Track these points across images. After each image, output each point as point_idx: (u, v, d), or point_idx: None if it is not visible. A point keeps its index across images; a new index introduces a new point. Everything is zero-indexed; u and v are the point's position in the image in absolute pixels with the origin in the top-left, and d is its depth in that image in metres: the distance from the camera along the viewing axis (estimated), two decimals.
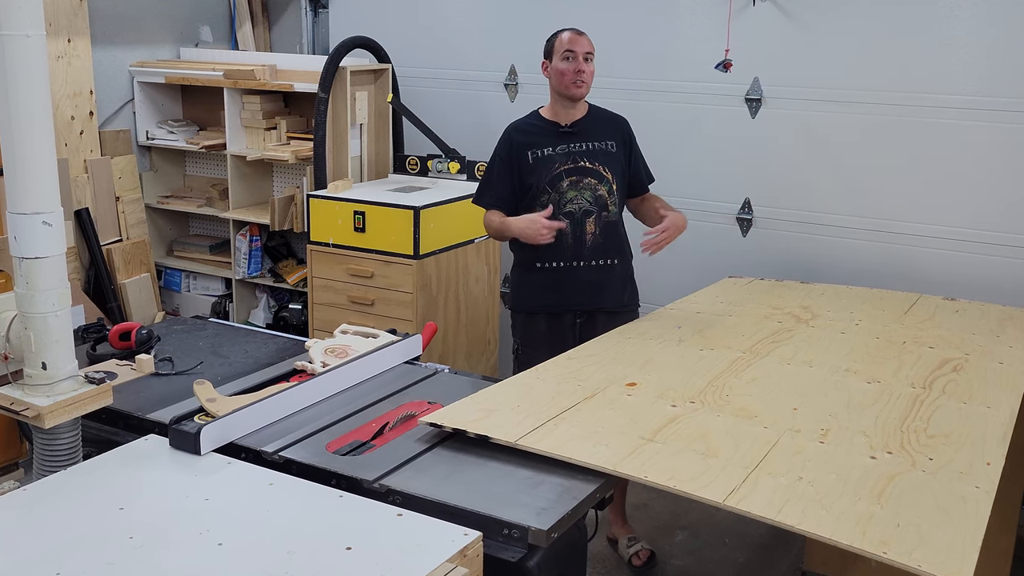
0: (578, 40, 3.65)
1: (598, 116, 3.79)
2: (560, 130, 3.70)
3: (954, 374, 3.06)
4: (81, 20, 5.11)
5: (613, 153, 3.73)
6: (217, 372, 3.04)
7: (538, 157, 3.68)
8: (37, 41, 2.33)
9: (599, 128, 3.75)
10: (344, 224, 4.54)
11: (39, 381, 2.45)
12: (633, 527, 4.06)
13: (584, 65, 3.63)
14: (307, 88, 5.07)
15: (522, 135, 3.74)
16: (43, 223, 2.38)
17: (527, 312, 3.81)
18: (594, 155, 3.69)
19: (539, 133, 3.72)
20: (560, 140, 3.69)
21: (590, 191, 3.66)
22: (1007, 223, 4.14)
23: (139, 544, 1.96)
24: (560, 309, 3.74)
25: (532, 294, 3.77)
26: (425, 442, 2.52)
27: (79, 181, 5.18)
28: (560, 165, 3.66)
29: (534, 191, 3.67)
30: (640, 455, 2.39)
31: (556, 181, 3.65)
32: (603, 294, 3.74)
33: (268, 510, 2.12)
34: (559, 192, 3.65)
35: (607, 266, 3.73)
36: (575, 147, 3.68)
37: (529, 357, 3.61)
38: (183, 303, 5.79)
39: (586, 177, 3.67)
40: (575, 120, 3.72)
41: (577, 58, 3.62)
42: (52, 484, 2.23)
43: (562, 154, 3.68)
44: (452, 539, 1.99)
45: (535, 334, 3.78)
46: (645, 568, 3.91)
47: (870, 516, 2.12)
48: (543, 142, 3.70)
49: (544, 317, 3.76)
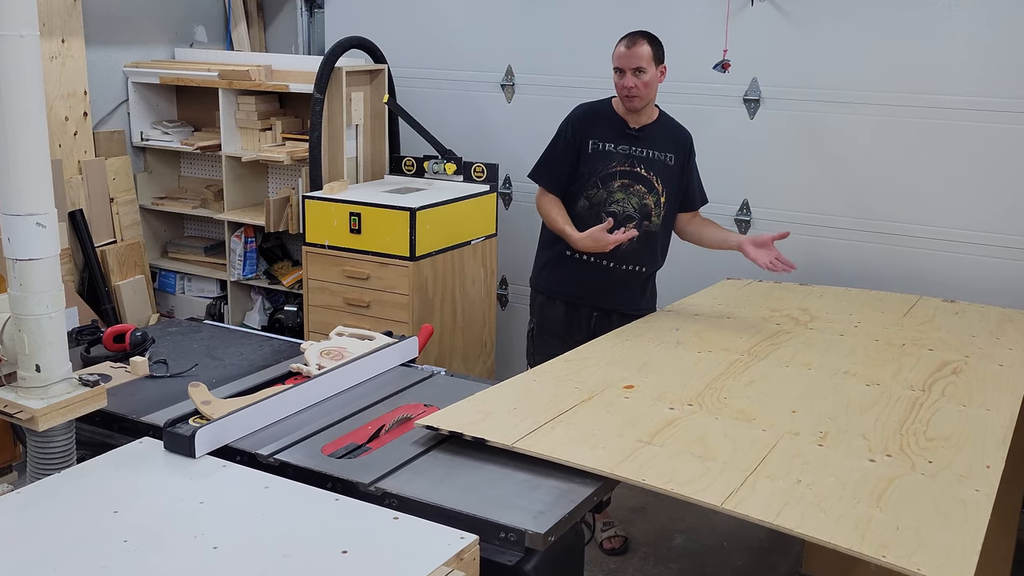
0: (626, 55, 3.61)
1: (666, 125, 3.79)
2: (627, 130, 3.70)
3: (954, 376, 3.06)
4: (75, 20, 5.10)
5: (671, 166, 3.73)
6: (212, 374, 3.02)
7: (598, 149, 3.68)
8: (31, 41, 2.32)
9: (663, 138, 3.75)
10: (340, 226, 4.53)
11: (33, 384, 2.43)
12: (610, 513, 4.08)
13: (632, 80, 3.59)
14: (302, 89, 5.06)
15: (587, 121, 3.72)
16: (37, 224, 2.36)
17: (547, 295, 3.86)
18: (651, 164, 3.70)
19: (606, 124, 3.72)
20: (623, 140, 3.70)
21: (638, 198, 3.67)
22: (1007, 224, 4.14)
23: (133, 548, 1.94)
24: (579, 301, 3.78)
25: (556, 279, 3.81)
26: (421, 445, 2.50)
27: (73, 182, 5.17)
28: (617, 164, 3.67)
29: (583, 181, 3.68)
30: (638, 458, 2.38)
31: (608, 179, 3.67)
32: (624, 296, 3.79)
33: (263, 513, 2.11)
34: (608, 190, 3.67)
35: (636, 272, 3.77)
36: (636, 151, 3.69)
37: (544, 341, 3.67)
38: (178, 305, 5.78)
39: (638, 184, 3.68)
40: (644, 125, 3.72)
41: (625, 74, 3.61)
42: (46, 487, 2.22)
43: (622, 154, 3.68)
44: (448, 542, 1.98)
45: (551, 319, 3.85)
46: (616, 552, 3.97)
47: (869, 519, 2.11)
48: (607, 135, 3.70)
49: (563, 304, 3.82)
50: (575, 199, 3.72)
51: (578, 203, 3.73)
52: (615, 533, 4.00)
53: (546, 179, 3.78)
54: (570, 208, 3.73)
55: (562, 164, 3.73)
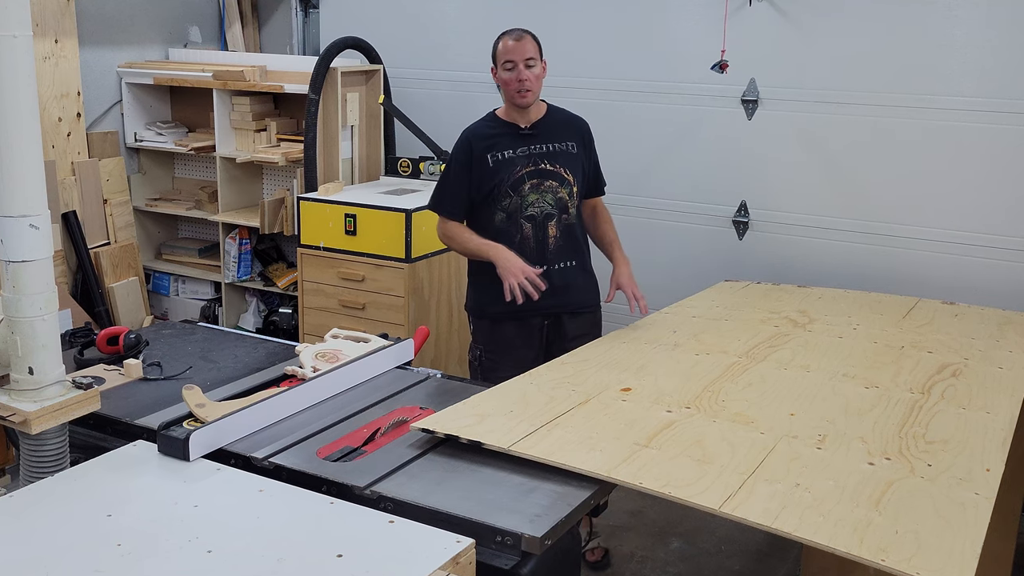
0: (516, 48, 3.56)
1: (558, 117, 3.74)
2: (520, 132, 3.64)
3: (953, 379, 3.05)
4: (68, 20, 5.08)
5: (574, 154, 3.68)
6: (206, 377, 3.01)
7: (499, 160, 3.61)
8: (24, 42, 2.31)
9: (559, 129, 3.70)
10: (335, 227, 4.52)
11: (26, 386, 2.43)
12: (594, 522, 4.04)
13: (526, 73, 3.54)
14: (297, 89, 5.05)
15: (482, 139, 3.66)
16: (30, 226, 2.36)
17: (491, 319, 3.73)
18: (555, 157, 3.64)
19: (499, 135, 3.65)
20: (521, 142, 3.63)
21: (551, 194, 3.62)
22: (1006, 226, 4.13)
23: (127, 551, 1.94)
24: (528, 314, 3.63)
25: (497, 300, 3.60)
26: (417, 448, 2.49)
27: (66, 184, 5.15)
28: (522, 168, 3.60)
29: (495, 194, 3.61)
30: (635, 461, 2.37)
31: (518, 184, 3.60)
32: (568, 295, 3.69)
33: (258, 517, 2.10)
34: (521, 195, 3.60)
35: (569, 268, 3.69)
36: (536, 148, 3.63)
37: (494, 363, 3.59)
38: (172, 307, 5.76)
39: (547, 180, 3.62)
40: (534, 121, 3.67)
41: (517, 67, 3.55)
42: (39, 491, 2.21)
43: (523, 156, 3.62)
44: (444, 546, 1.97)
45: (502, 340, 3.71)
46: (598, 565, 3.91)
47: (868, 523, 2.10)
48: (504, 144, 3.63)
49: (511, 323, 3.68)
50: (491, 216, 3.62)
51: (496, 218, 3.63)
52: (598, 545, 3.92)
53: (448, 208, 3.69)
54: (488, 226, 3.64)
55: (458, 189, 3.65)
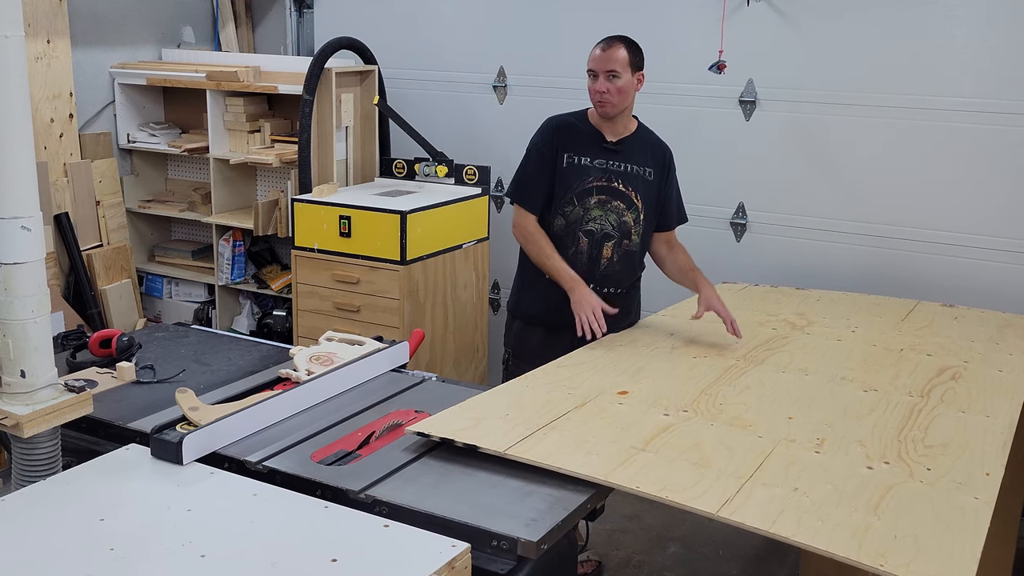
0: (600, 57, 3.44)
1: (644, 139, 3.61)
2: (603, 144, 3.53)
3: (953, 382, 3.05)
4: (61, 21, 5.06)
5: (650, 181, 3.56)
6: (200, 380, 3.00)
7: (574, 163, 3.50)
8: (16, 42, 2.30)
9: (641, 151, 3.57)
10: (329, 229, 4.50)
11: (18, 389, 2.42)
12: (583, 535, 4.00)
13: (605, 84, 3.41)
14: (291, 90, 5.02)
15: (565, 132, 3.54)
16: (22, 228, 2.35)
17: (525, 320, 3.69)
18: (629, 178, 3.52)
19: (581, 137, 3.53)
20: (600, 153, 3.51)
21: (616, 215, 3.50)
22: (1006, 228, 4.12)
23: (120, 556, 1.93)
24: (560, 325, 3.52)
25: (535, 304, 3.61)
26: (412, 452, 2.48)
27: (59, 185, 5.13)
28: (595, 180, 3.49)
29: (558, 198, 3.51)
30: (632, 465, 2.36)
31: (585, 195, 3.49)
32: (608, 318, 3.49)
33: (252, 521, 2.10)
34: (585, 207, 3.49)
35: (616, 294, 3.58)
36: (613, 165, 3.51)
37: (520, 370, 3.53)
38: (165, 309, 5.74)
39: (615, 200, 3.50)
40: (622, 137, 3.55)
41: (598, 77, 3.43)
42: (31, 495, 2.21)
43: (599, 168, 3.50)
44: (440, 551, 1.97)
45: (529, 346, 3.64)
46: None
47: (867, 527, 2.09)
48: (583, 149, 3.51)
49: (542, 329, 3.63)
50: (551, 218, 3.53)
51: (555, 222, 3.54)
52: (588, 558, 3.88)
53: (530, 200, 3.55)
54: (546, 229, 3.55)
55: (539, 181, 3.54)
